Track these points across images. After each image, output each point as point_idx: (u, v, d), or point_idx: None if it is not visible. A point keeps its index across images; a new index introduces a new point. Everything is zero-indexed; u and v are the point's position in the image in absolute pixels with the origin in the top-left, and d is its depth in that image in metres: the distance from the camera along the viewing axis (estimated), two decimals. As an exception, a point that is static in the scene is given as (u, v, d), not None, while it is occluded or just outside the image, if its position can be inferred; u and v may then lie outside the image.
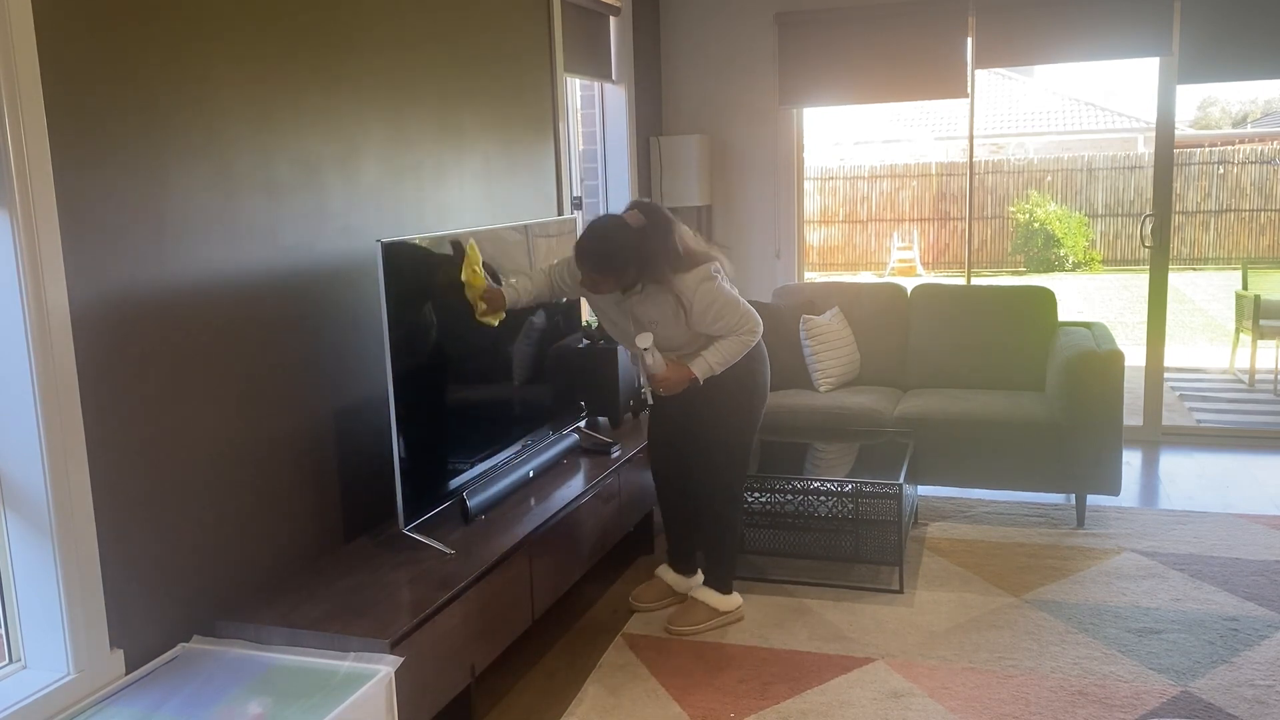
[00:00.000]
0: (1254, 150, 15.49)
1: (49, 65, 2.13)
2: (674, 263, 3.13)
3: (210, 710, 2.15)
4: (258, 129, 2.72)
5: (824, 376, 4.80)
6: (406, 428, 2.84)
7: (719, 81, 5.93)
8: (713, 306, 3.16)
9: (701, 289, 3.15)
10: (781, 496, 3.82)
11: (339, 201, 3.06)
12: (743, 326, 3.22)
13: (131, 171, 2.33)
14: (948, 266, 16.46)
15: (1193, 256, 15.72)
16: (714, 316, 3.18)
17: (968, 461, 4.38)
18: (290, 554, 2.88)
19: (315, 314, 2.96)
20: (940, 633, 3.35)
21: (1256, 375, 7.41)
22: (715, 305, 3.17)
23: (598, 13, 5.18)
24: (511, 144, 4.13)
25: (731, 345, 3.22)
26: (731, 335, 3.22)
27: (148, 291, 2.38)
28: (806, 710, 2.90)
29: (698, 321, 3.18)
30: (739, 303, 3.23)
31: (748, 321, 3.23)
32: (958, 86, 5.52)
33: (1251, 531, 4.15)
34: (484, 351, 3.28)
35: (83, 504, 2.21)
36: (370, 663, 2.31)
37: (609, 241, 3.08)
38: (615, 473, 3.65)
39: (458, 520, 3.10)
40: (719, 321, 3.19)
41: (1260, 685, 2.96)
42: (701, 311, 3.16)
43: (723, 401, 3.35)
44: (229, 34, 2.62)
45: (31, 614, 2.22)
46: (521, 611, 2.97)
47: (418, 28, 3.46)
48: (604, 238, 3.09)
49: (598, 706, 2.96)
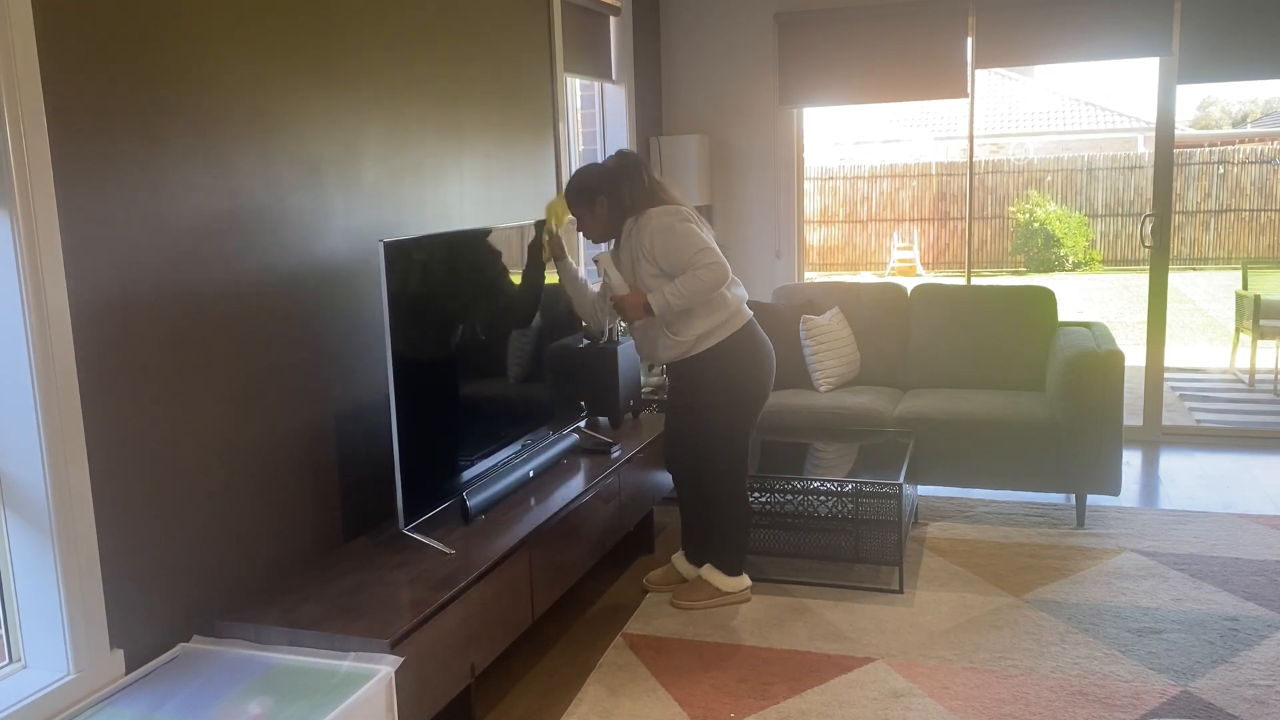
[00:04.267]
0: (1254, 150, 15.50)
1: (49, 65, 2.13)
2: (640, 193, 3.37)
3: (210, 710, 2.15)
4: (258, 129, 2.72)
5: (824, 376, 4.81)
6: (406, 427, 2.84)
7: (719, 81, 5.93)
8: (669, 235, 3.28)
9: (661, 220, 3.30)
10: (781, 496, 3.82)
11: (339, 201, 3.06)
12: (700, 260, 3.25)
13: (131, 171, 2.33)
14: (948, 266, 16.47)
15: (1193, 256, 15.73)
16: (673, 248, 3.27)
17: (968, 461, 4.38)
18: (290, 554, 2.88)
19: (315, 314, 2.96)
20: (940, 633, 3.35)
21: (1256, 375, 7.41)
22: (672, 234, 3.28)
23: (598, 13, 5.18)
24: (511, 144, 4.13)
25: (689, 281, 3.25)
26: (690, 271, 3.25)
27: (148, 291, 2.38)
28: (806, 710, 2.90)
29: (661, 255, 3.29)
30: (699, 238, 3.29)
31: (707, 255, 3.26)
32: (958, 86, 5.53)
33: (1251, 531, 4.15)
34: (484, 351, 3.28)
35: (83, 504, 2.21)
36: (370, 663, 2.31)
37: (584, 176, 3.43)
38: (615, 473, 3.65)
39: (458, 520, 3.10)
40: (676, 254, 3.27)
41: (1260, 685, 2.96)
42: (662, 245, 3.28)
43: (720, 391, 3.40)
44: (229, 34, 2.62)
45: (31, 614, 2.22)
46: (521, 611, 2.97)
47: (418, 28, 3.46)
48: (580, 173, 3.44)
49: (598, 706, 2.96)
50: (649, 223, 3.31)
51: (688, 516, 3.71)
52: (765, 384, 3.46)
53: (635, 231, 3.35)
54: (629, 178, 3.38)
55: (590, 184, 3.40)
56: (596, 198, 3.39)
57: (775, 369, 3.53)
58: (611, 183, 3.38)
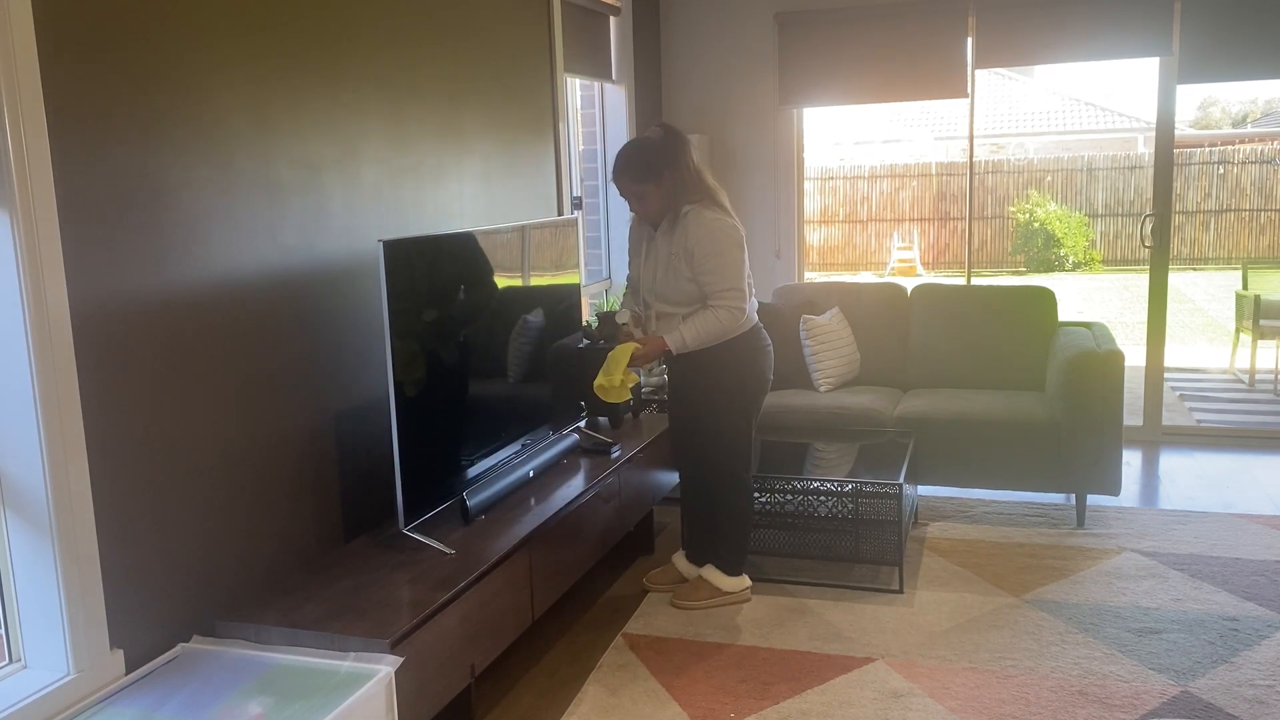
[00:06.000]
0: (1254, 150, 15.50)
1: (49, 65, 2.13)
2: (691, 173, 3.25)
3: (210, 710, 2.15)
4: (258, 129, 2.72)
5: (824, 376, 4.81)
6: (406, 427, 2.84)
7: (719, 81, 5.93)
8: (716, 255, 3.22)
9: (714, 230, 3.22)
10: (781, 496, 3.82)
11: (339, 201, 3.06)
12: (725, 301, 3.24)
13: (131, 171, 2.33)
14: (948, 266, 16.46)
15: (1193, 256, 15.72)
16: (711, 268, 3.22)
17: (968, 461, 4.38)
18: (290, 554, 2.88)
19: (315, 314, 2.96)
20: (940, 633, 3.35)
21: (1256, 375, 7.41)
22: (720, 256, 3.22)
23: (598, 13, 5.18)
24: (511, 144, 4.13)
25: (707, 323, 3.26)
26: (711, 303, 3.24)
27: (148, 291, 2.38)
28: (806, 710, 2.90)
29: (699, 266, 3.23)
30: (737, 272, 3.26)
31: (733, 298, 3.24)
32: (958, 86, 5.52)
33: (1251, 531, 4.15)
34: (484, 351, 3.28)
35: (83, 504, 2.21)
36: (370, 663, 2.31)
37: (637, 151, 3.26)
38: (615, 473, 3.65)
39: (458, 520, 3.10)
40: (712, 276, 3.23)
41: (1260, 685, 2.96)
42: (702, 258, 3.22)
43: (720, 390, 3.41)
44: (229, 34, 2.62)
45: (31, 614, 2.22)
46: (521, 611, 2.97)
47: (418, 28, 3.46)
48: (632, 149, 3.28)
49: (598, 706, 2.96)
50: (701, 226, 3.23)
51: (690, 516, 3.71)
52: (765, 380, 3.47)
53: (682, 227, 3.26)
54: (684, 152, 3.26)
55: (653, 159, 3.24)
56: (663, 171, 3.24)
57: (773, 366, 3.54)
58: (674, 155, 3.24)
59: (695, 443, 3.54)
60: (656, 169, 3.24)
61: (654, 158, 3.24)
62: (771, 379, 3.52)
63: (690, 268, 3.26)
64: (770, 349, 3.49)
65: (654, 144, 3.27)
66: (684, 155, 3.26)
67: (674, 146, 3.26)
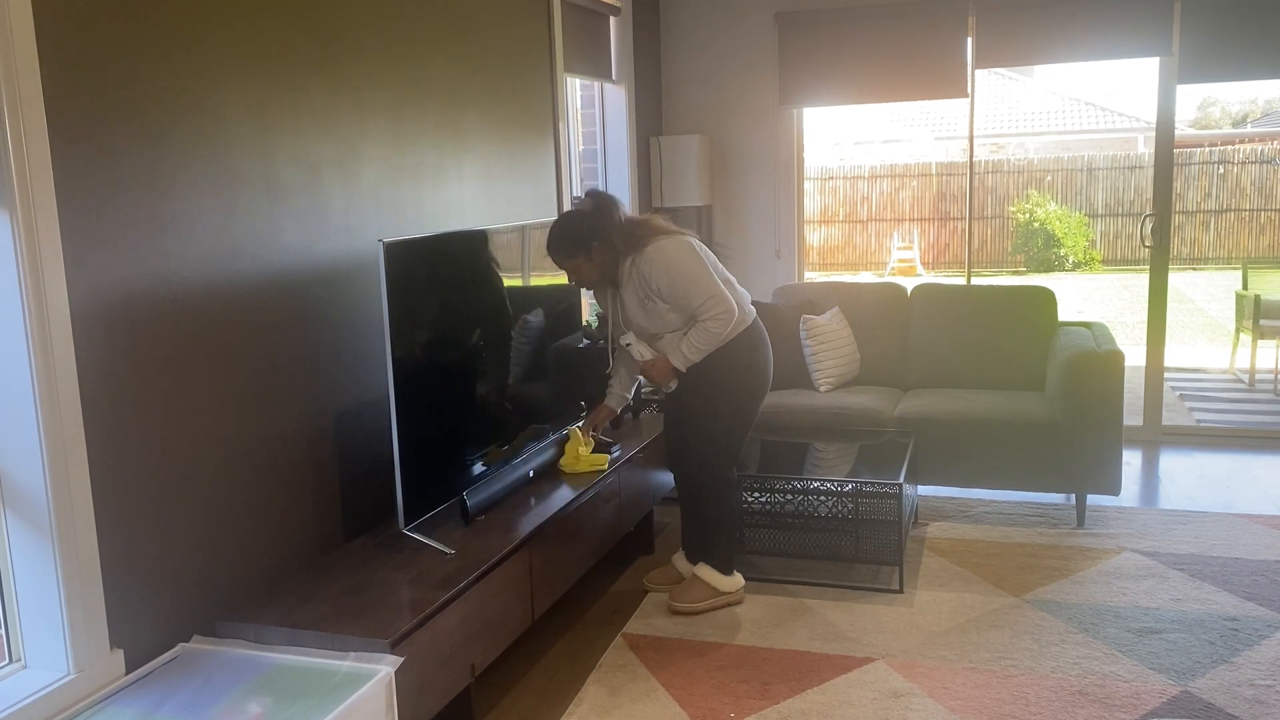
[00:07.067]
0: (1254, 150, 15.50)
1: (49, 65, 2.13)
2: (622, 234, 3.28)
3: (210, 710, 2.15)
4: (258, 129, 2.72)
5: (824, 376, 4.81)
6: (406, 427, 2.84)
7: (719, 81, 5.93)
8: (678, 276, 3.26)
9: (667, 256, 3.26)
10: (781, 496, 3.82)
11: (339, 201, 3.06)
12: (706, 311, 3.28)
13: (131, 171, 2.33)
14: (948, 266, 16.47)
15: (1193, 256, 15.73)
16: (680, 291, 3.27)
17: (968, 461, 4.38)
18: (290, 554, 2.88)
19: (315, 314, 2.96)
20: (940, 633, 3.35)
21: (1256, 375, 7.41)
22: (682, 276, 3.26)
23: (598, 13, 5.18)
24: (511, 144, 4.13)
25: (703, 336, 3.31)
26: (700, 319, 3.29)
27: (148, 291, 2.38)
28: (806, 710, 2.90)
29: (669, 294, 3.28)
30: (704, 282, 3.27)
31: (713, 306, 3.27)
32: (958, 86, 5.52)
33: (1251, 531, 4.15)
34: (484, 351, 3.28)
35: (83, 504, 2.21)
36: (370, 663, 2.31)
37: (564, 227, 3.32)
38: (615, 473, 3.65)
39: (458, 520, 3.10)
40: (686, 299, 3.28)
41: (1260, 685, 2.96)
42: (669, 285, 3.26)
43: (719, 390, 3.42)
44: (229, 34, 2.62)
45: (31, 614, 2.22)
46: (521, 611, 2.97)
47: (418, 28, 3.46)
48: (559, 226, 3.34)
49: (598, 706, 2.96)
50: (653, 263, 3.25)
51: (688, 515, 3.71)
52: (765, 376, 3.48)
53: (636, 272, 3.29)
54: (611, 216, 3.29)
55: (577, 234, 3.28)
56: (590, 244, 3.27)
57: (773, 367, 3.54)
58: (600, 225, 3.27)
59: (689, 442, 3.54)
60: (585, 243, 3.27)
61: (582, 233, 3.27)
62: (772, 374, 3.53)
63: (665, 301, 3.31)
64: (768, 343, 3.50)
65: (582, 218, 3.29)
66: (611, 220, 3.28)
67: (601, 217, 3.28)
